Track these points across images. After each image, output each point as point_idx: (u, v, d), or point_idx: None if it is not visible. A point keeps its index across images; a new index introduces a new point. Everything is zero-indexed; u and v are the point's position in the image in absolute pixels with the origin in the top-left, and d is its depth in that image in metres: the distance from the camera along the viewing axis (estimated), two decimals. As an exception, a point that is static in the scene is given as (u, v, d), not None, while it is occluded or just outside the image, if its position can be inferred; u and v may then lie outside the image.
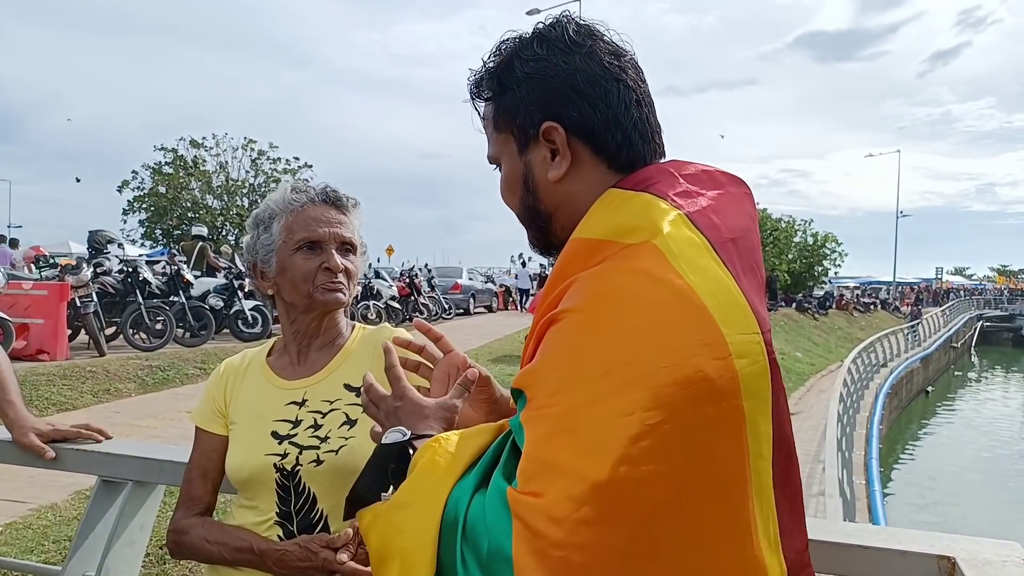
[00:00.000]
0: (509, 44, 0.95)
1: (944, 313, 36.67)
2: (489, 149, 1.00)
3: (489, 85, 0.96)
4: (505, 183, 0.99)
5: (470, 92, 1.00)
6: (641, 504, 0.68)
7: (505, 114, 0.95)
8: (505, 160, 0.98)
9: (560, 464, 0.69)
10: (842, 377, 12.28)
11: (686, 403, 0.70)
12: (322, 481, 1.33)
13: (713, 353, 0.73)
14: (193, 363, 8.79)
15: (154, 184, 26.54)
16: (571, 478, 0.68)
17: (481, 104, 0.99)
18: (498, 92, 0.95)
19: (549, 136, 0.91)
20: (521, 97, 0.92)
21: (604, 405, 0.70)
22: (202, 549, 1.34)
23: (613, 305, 0.75)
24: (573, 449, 0.69)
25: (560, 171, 0.92)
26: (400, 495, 0.79)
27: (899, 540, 1.12)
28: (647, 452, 0.68)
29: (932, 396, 24.89)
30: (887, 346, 21.78)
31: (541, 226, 0.98)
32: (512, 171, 0.97)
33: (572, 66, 0.90)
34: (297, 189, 1.42)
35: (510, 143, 0.96)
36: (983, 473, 15.41)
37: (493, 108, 0.97)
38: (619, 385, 0.70)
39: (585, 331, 0.75)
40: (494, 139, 0.98)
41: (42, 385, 6.96)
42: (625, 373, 0.70)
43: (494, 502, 0.71)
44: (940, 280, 63.75)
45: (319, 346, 1.45)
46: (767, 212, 33.59)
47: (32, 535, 3.79)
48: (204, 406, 1.46)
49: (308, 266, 1.37)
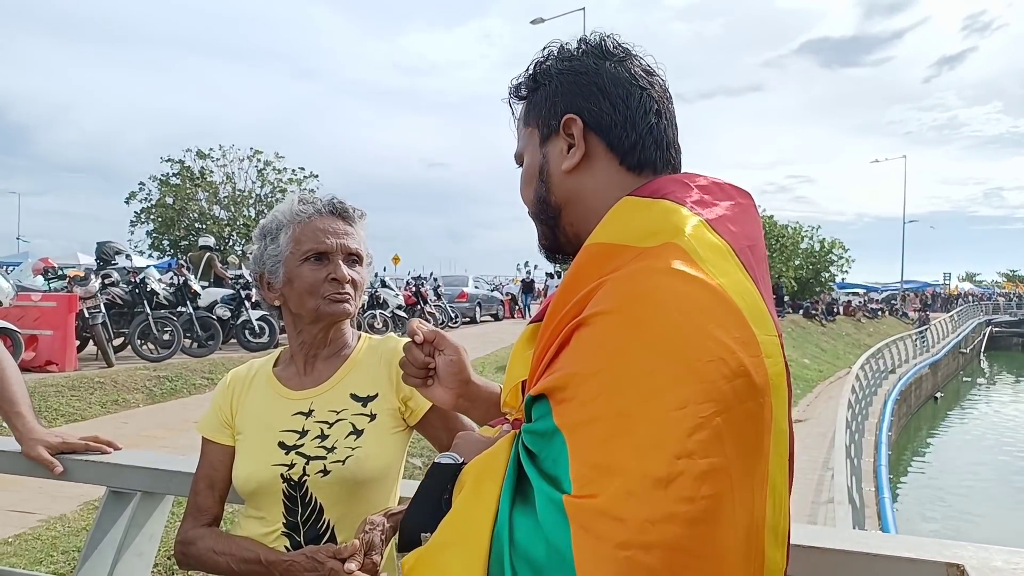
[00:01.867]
0: (551, 48, 1.00)
1: (952, 318, 36.49)
2: (517, 146, 1.03)
3: (526, 83, 1.00)
4: (524, 175, 1.01)
5: (509, 94, 1.03)
6: (700, 498, 0.68)
7: (534, 108, 0.98)
8: (528, 154, 1.00)
9: (619, 465, 0.68)
10: (850, 383, 12.24)
11: (733, 397, 0.71)
12: (329, 491, 1.34)
13: (748, 351, 0.74)
14: (201, 373, 8.81)
15: (161, 195, 26.62)
16: (631, 477, 0.67)
17: (518, 105, 1.02)
18: (532, 88, 0.99)
19: (568, 128, 0.94)
20: (550, 91, 0.96)
21: (656, 402, 0.69)
22: (209, 560, 1.34)
23: (651, 305, 0.74)
24: (630, 449, 0.68)
25: (573, 161, 0.94)
26: (441, 535, 0.77)
27: (908, 547, 1.11)
28: (703, 445, 0.68)
29: (941, 402, 24.74)
30: (895, 352, 21.68)
31: (551, 220, 0.99)
32: (531, 163, 0.99)
33: (601, 68, 0.95)
34: (304, 200, 1.43)
35: (534, 136, 0.98)
36: (993, 479, 15.28)
37: (525, 105, 1.00)
38: (668, 382, 0.70)
39: (626, 332, 0.74)
40: (522, 134, 1.01)
41: (51, 396, 6.98)
42: (673, 370, 0.70)
43: (547, 511, 0.69)
44: (948, 286, 63.41)
45: (325, 356, 1.45)
46: (773, 219, 33.46)
47: (41, 546, 3.80)
48: (211, 417, 1.46)
49: (315, 277, 1.38)
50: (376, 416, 1.39)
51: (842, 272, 35.65)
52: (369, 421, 1.38)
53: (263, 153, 27.38)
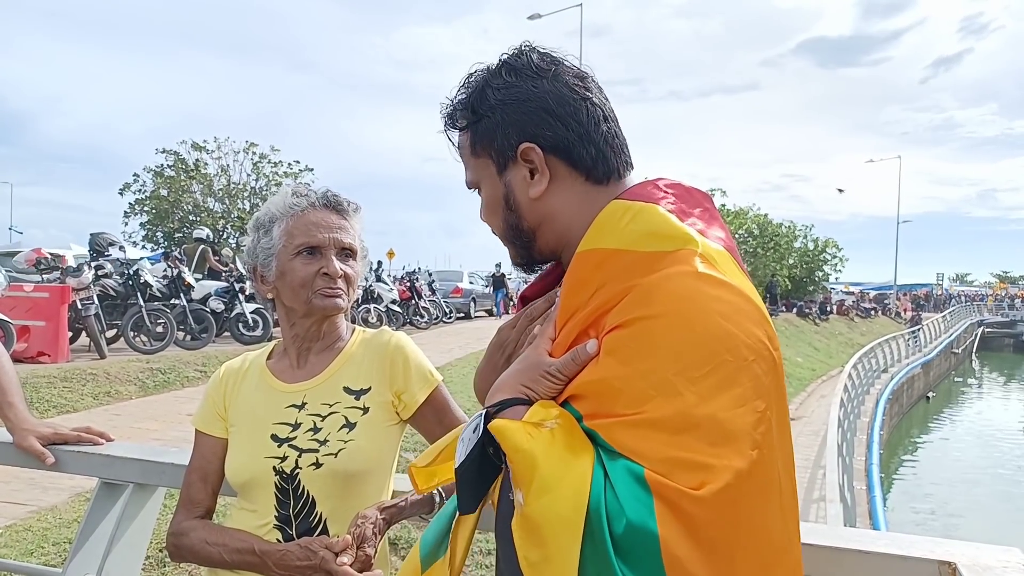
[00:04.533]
0: (477, 75, 1.00)
1: (945, 319, 36.62)
2: (467, 175, 1.03)
3: (464, 115, 1.00)
4: (487, 206, 1.02)
5: (444, 124, 1.04)
6: (770, 485, 0.75)
7: (482, 140, 0.98)
8: (485, 184, 1.01)
9: (694, 459, 0.72)
10: (843, 382, 12.26)
11: (774, 390, 0.79)
12: (321, 484, 1.33)
13: (774, 345, 0.81)
14: (194, 366, 8.79)
15: (155, 187, 26.50)
16: (711, 469, 0.71)
17: (455, 134, 1.03)
18: (473, 120, 0.99)
19: (527, 156, 0.95)
20: (496, 122, 0.96)
21: (719, 400, 0.74)
22: (202, 551, 1.34)
23: (695, 307, 0.79)
24: (705, 443, 0.72)
25: (540, 188, 0.96)
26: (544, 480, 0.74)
27: (900, 545, 1.12)
28: (765, 437, 0.75)
29: (933, 402, 24.86)
30: (888, 351, 21.76)
31: (525, 243, 1.01)
32: (493, 193, 1.00)
33: (541, 89, 0.95)
34: (298, 193, 1.43)
35: (489, 167, 0.99)
36: (984, 478, 15.37)
37: (469, 135, 1.00)
38: (725, 380, 0.75)
39: (675, 333, 0.77)
40: (472, 165, 1.02)
41: (43, 387, 6.96)
42: (728, 369, 0.76)
43: (626, 481, 0.72)
44: (940, 286, 63.58)
45: (319, 349, 1.45)
46: (768, 217, 33.54)
47: (32, 537, 3.78)
48: (204, 409, 1.46)
49: (307, 271, 1.37)
50: (369, 409, 1.39)
51: (835, 271, 35.74)
52: (362, 414, 1.38)
53: (258, 146, 27.29)
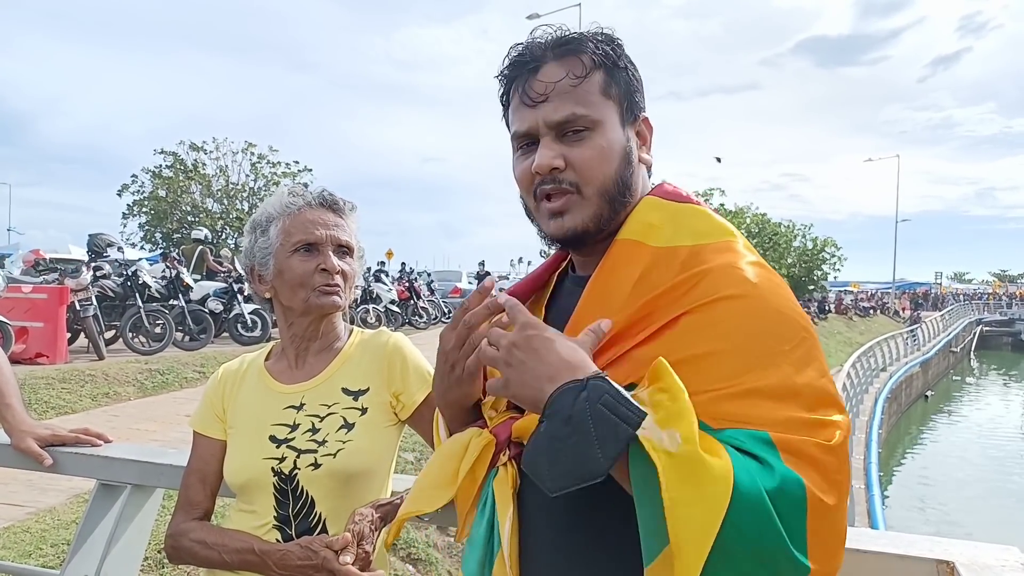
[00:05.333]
0: (599, 30, 0.99)
1: (943, 317, 36.64)
2: (579, 107, 0.93)
3: (607, 50, 0.96)
4: (601, 150, 0.94)
5: (564, 45, 0.95)
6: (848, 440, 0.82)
7: (618, 86, 0.96)
8: (607, 127, 0.95)
9: (808, 418, 0.79)
10: (841, 381, 12.28)
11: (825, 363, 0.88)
12: (320, 485, 1.33)
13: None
14: (192, 367, 8.78)
15: (154, 188, 26.49)
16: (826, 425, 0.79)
17: (583, 61, 0.94)
18: (612, 63, 0.96)
19: (648, 124, 1.01)
20: (636, 79, 0.99)
21: (809, 371, 0.82)
22: (201, 552, 1.34)
23: (769, 289, 0.86)
24: (809, 407, 0.80)
25: (649, 160, 1.01)
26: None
27: (898, 544, 1.12)
28: (840, 400, 0.84)
29: (932, 400, 24.88)
30: (886, 350, 21.78)
31: (621, 203, 0.97)
32: (615, 140, 0.95)
33: (638, 76, 1.00)
34: (294, 193, 1.43)
35: (615, 114, 0.96)
36: (982, 477, 15.38)
37: (604, 74, 0.95)
38: (808, 354, 0.83)
39: (762, 312, 0.84)
40: (596, 101, 0.94)
41: (41, 388, 6.94)
42: (808, 344, 0.84)
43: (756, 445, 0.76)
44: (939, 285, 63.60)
45: (317, 350, 1.45)
46: (767, 216, 33.55)
47: (30, 538, 3.77)
48: (203, 411, 1.46)
49: (305, 268, 1.37)
50: (367, 410, 1.39)
51: (834, 270, 35.73)
52: (360, 415, 1.38)
53: (257, 146, 27.28)
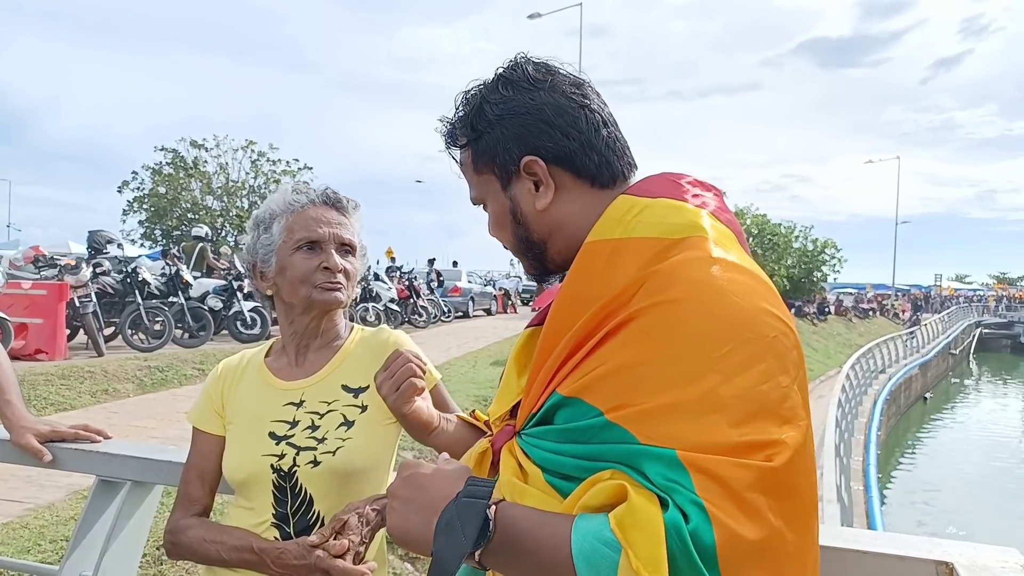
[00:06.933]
0: (475, 92, 1.00)
1: (943, 320, 36.64)
2: (472, 192, 1.03)
3: (463, 132, 1.01)
4: (495, 221, 1.02)
5: (445, 142, 1.04)
6: (802, 459, 0.73)
7: (484, 156, 0.99)
8: (490, 200, 1.01)
9: (723, 440, 0.71)
10: (840, 383, 12.29)
11: (798, 366, 0.79)
12: (319, 482, 1.33)
13: (792, 323, 0.82)
14: (192, 364, 8.77)
15: (154, 185, 26.50)
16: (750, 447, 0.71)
17: (457, 151, 1.03)
18: (473, 137, 0.99)
19: (530, 169, 0.96)
20: (497, 138, 0.96)
21: (741, 379, 0.73)
22: (200, 549, 1.34)
23: (712, 290, 0.79)
24: (726, 425, 0.72)
25: (547, 199, 0.96)
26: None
27: (897, 545, 1.12)
28: (792, 411, 0.75)
29: (930, 403, 24.88)
30: (886, 352, 21.78)
31: (537, 255, 1.01)
32: (500, 209, 1.00)
33: (539, 101, 0.95)
34: (298, 190, 1.43)
35: (493, 182, 0.99)
36: (981, 479, 15.39)
37: (471, 153, 1.00)
38: (746, 359, 0.75)
39: (694, 317, 0.77)
40: (476, 182, 1.02)
41: (40, 385, 6.94)
42: (748, 347, 0.75)
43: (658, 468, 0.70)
44: (939, 287, 63.56)
45: (317, 347, 1.45)
46: (767, 217, 33.54)
47: (29, 535, 3.77)
48: (202, 407, 1.46)
49: (307, 265, 1.37)
50: (367, 408, 1.39)
51: (834, 272, 35.73)
52: (360, 412, 1.38)
53: (257, 144, 27.27)
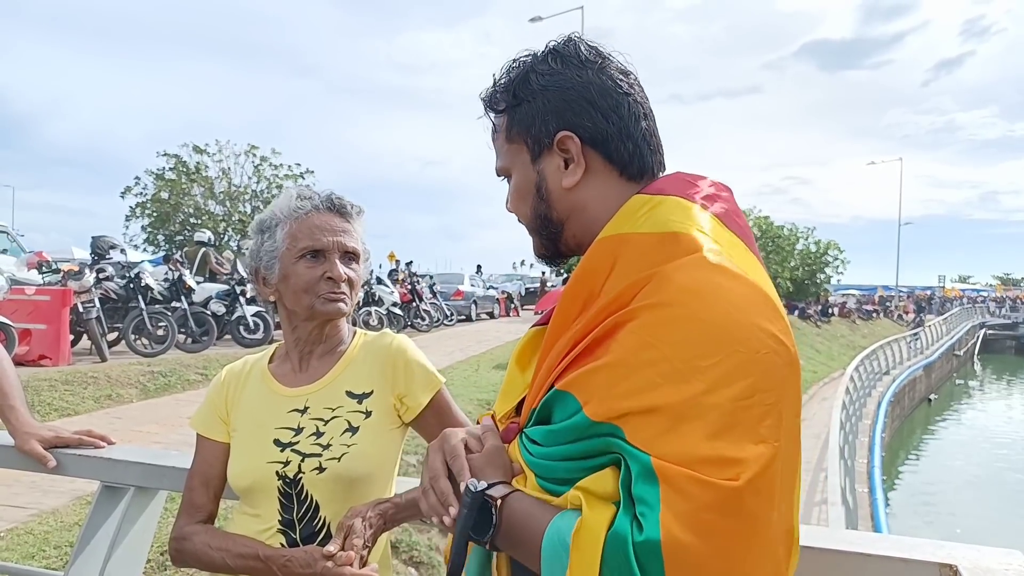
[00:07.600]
0: (523, 59, 0.99)
1: (947, 321, 36.57)
2: (498, 161, 1.02)
3: (504, 98, 0.99)
4: (516, 192, 1.01)
5: (484, 105, 1.02)
6: (773, 478, 0.72)
7: (520, 124, 0.97)
8: (517, 170, 1.00)
9: (696, 451, 0.70)
10: (844, 385, 12.27)
11: (789, 384, 0.77)
12: (324, 489, 1.33)
13: (789, 340, 0.79)
14: (195, 369, 8.78)
15: (157, 190, 26.50)
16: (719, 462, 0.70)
17: (495, 117, 1.01)
18: (513, 104, 0.98)
19: (564, 145, 0.95)
20: (537, 108, 0.95)
21: (724, 391, 0.73)
22: (205, 555, 1.34)
23: (707, 297, 0.77)
24: (702, 435, 0.71)
25: (575, 178, 0.95)
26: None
27: (901, 548, 1.11)
28: (772, 430, 0.73)
29: (935, 404, 24.81)
30: (889, 354, 21.73)
31: (553, 233, 1.00)
32: (524, 181, 0.99)
33: (586, 79, 0.95)
34: (302, 196, 1.43)
35: (523, 153, 0.98)
36: (986, 481, 15.34)
37: (507, 120, 0.99)
38: (732, 371, 0.73)
39: (685, 322, 0.76)
40: (505, 150, 1.00)
41: (44, 390, 6.95)
42: (735, 359, 0.74)
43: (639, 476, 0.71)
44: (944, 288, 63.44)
45: (321, 353, 1.45)
46: (770, 220, 33.51)
47: (33, 540, 3.78)
48: (205, 413, 1.46)
49: (311, 275, 1.37)
50: (371, 413, 1.39)
51: (837, 273, 35.69)
52: (364, 418, 1.38)
53: (259, 149, 27.29)
